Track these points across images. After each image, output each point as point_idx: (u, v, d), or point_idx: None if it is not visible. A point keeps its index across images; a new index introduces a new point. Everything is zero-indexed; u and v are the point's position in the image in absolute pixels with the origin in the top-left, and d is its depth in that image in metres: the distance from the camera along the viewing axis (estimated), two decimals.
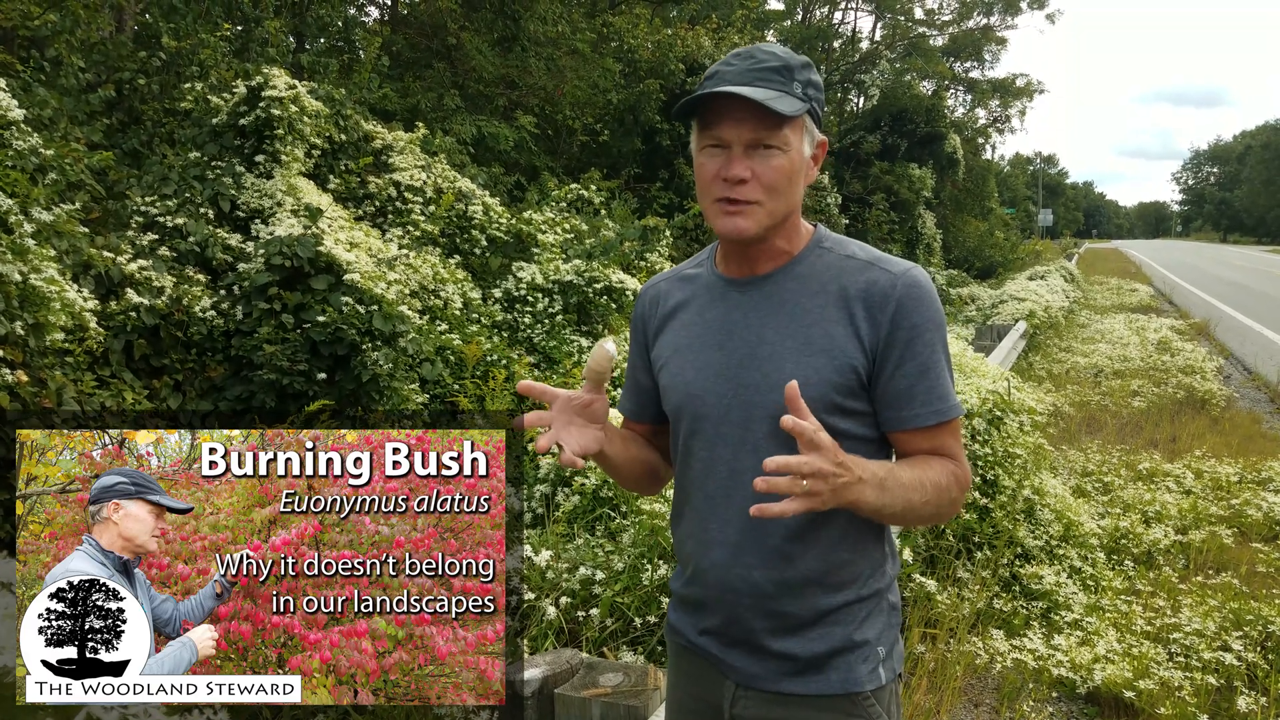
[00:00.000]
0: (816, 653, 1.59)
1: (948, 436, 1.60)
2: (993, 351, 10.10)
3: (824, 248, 1.64)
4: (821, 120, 1.62)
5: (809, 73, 1.58)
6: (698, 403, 1.63)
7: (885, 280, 1.57)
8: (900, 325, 1.55)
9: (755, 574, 1.59)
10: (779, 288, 1.62)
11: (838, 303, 1.57)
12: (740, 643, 1.63)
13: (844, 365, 1.55)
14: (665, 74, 17.00)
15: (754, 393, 1.58)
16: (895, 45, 36.30)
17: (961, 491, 1.60)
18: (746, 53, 1.57)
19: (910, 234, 26.75)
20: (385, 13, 17.38)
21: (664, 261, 11.66)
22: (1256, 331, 16.78)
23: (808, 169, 1.61)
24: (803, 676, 1.59)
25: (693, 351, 1.66)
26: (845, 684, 1.59)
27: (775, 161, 1.53)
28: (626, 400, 1.86)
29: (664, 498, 4.39)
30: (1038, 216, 66.22)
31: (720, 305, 1.66)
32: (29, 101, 6.38)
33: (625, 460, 1.73)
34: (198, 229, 6.42)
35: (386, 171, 9.23)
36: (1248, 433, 8.83)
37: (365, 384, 5.79)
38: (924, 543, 4.84)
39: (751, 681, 1.62)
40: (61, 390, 4.67)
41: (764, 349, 1.59)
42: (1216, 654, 4.15)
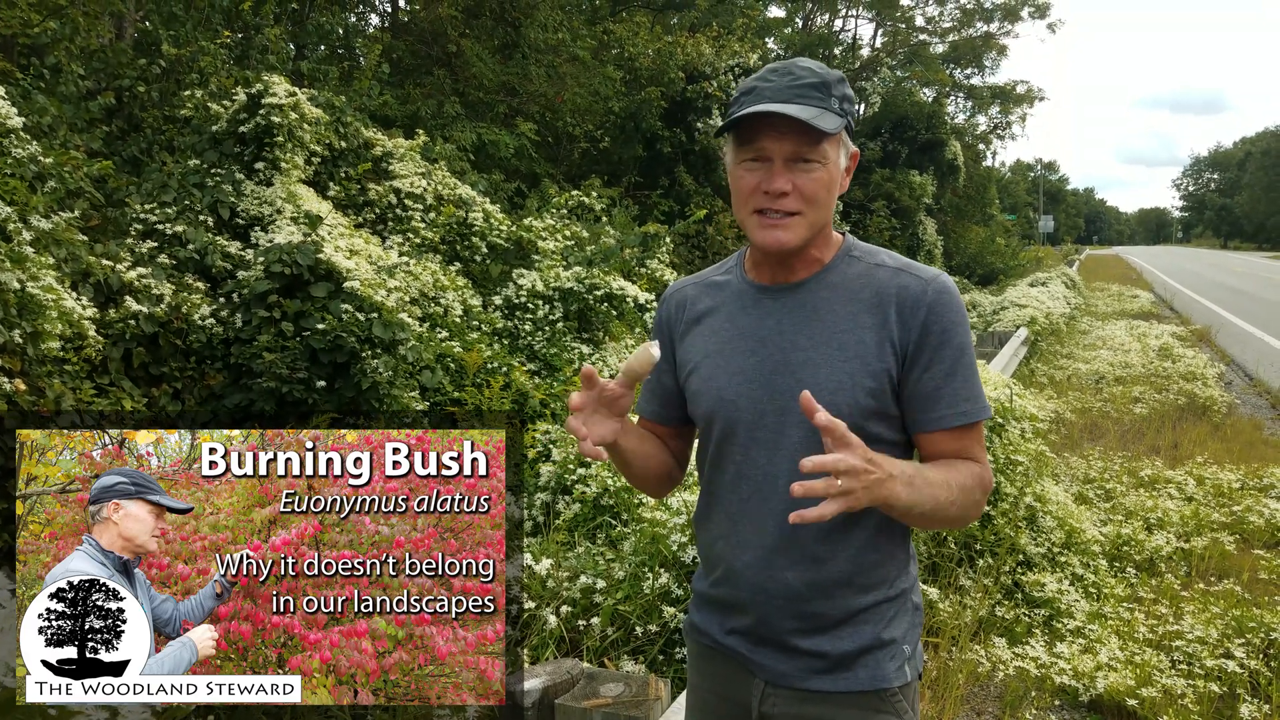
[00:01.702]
0: (846, 651, 1.62)
1: (972, 439, 1.64)
2: (994, 358, 10.10)
3: (854, 256, 1.69)
4: (854, 132, 1.66)
5: (844, 87, 1.62)
6: (731, 408, 1.66)
7: (917, 285, 1.61)
8: (931, 329, 1.59)
9: (788, 575, 1.63)
10: (812, 295, 1.66)
11: (870, 309, 1.62)
12: (770, 641, 1.67)
13: (878, 370, 1.59)
14: (666, 81, 17.03)
15: (788, 399, 1.60)
16: (896, 52, 36.35)
17: (984, 494, 1.63)
18: (784, 68, 1.61)
19: (911, 241, 26.75)
20: (386, 20, 17.43)
21: (664, 268, 11.66)
22: (1258, 338, 16.78)
23: (842, 180, 1.65)
24: (832, 674, 1.63)
25: (724, 357, 1.69)
26: (874, 681, 1.62)
27: (815, 174, 1.58)
28: (649, 402, 1.88)
29: (666, 505, 4.37)
30: (1039, 223, 66.26)
31: (753, 312, 1.70)
32: (28, 109, 6.39)
33: (639, 457, 1.76)
34: (197, 236, 6.42)
35: (386, 178, 9.23)
36: (1249, 439, 8.82)
37: (365, 391, 5.78)
38: (926, 550, 4.83)
39: (781, 679, 1.65)
40: (60, 398, 4.66)
41: (798, 355, 1.62)
42: (1219, 661, 4.13)
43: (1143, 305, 23.07)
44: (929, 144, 28.49)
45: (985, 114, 41.96)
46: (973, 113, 42.04)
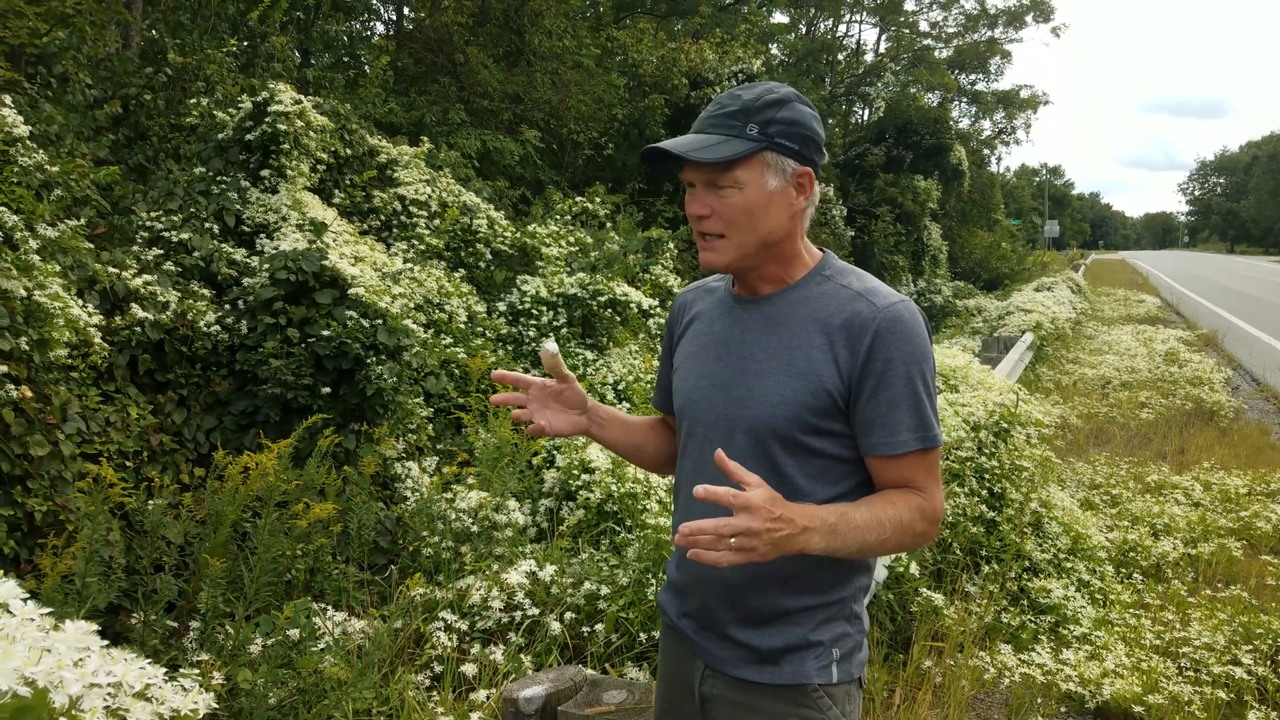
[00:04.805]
0: (773, 647, 1.71)
1: (918, 468, 1.67)
2: (999, 363, 10.07)
3: (824, 276, 1.75)
4: (801, 151, 1.68)
5: (775, 111, 1.65)
6: (694, 408, 1.80)
7: (868, 312, 1.65)
8: (875, 356, 1.63)
9: (724, 569, 1.69)
10: (775, 310, 1.74)
11: (822, 330, 1.67)
12: (711, 628, 1.78)
13: (819, 389, 1.65)
14: (670, 88, 17.04)
15: (739, 406, 1.71)
16: (900, 58, 36.34)
17: (929, 524, 1.68)
18: (721, 97, 1.70)
19: (916, 246, 26.72)
20: (391, 28, 17.46)
21: (668, 274, 11.66)
22: (1265, 342, 16.72)
23: (786, 200, 1.68)
24: (759, 665, 1.72)
25: (698, 360, 1.82)
26: (795, 676, 1.70)
27: (731, 199, 1.65)
28: (658, 396, 2.05)
29: (669, 512, 4.37)
30: (1044, 228, 66.13)
31: (726, 320, 1.81)
32: (35, 118, 6.40)
33: (630, 446, 1.97)
34: (203, 244, 6.43)
35: (391, 186, 9.23)
36: (1256, 444, 8.79)
37: (370, 398, 5.78)
38: (931, 556, 4.82)
39: (718, 665, 1.77)
40: (66, 406, 4.66)
41: (753, 365, 1.72)
42: (1226, 668, 4.11)
43: (1149, 310, 23.03)
44: (933, 149, 28.45)
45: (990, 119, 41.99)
46: (977, 118, 42.08)
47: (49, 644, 1.19)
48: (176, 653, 3.60)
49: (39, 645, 1.17)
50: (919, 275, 26.46)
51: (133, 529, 4.26)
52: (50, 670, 1.13)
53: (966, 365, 7.09)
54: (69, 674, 1.15)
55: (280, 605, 3.71)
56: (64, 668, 1.15)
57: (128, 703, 1.21)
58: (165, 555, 3.97)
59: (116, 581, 3.77)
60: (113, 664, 1.22)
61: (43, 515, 4.22)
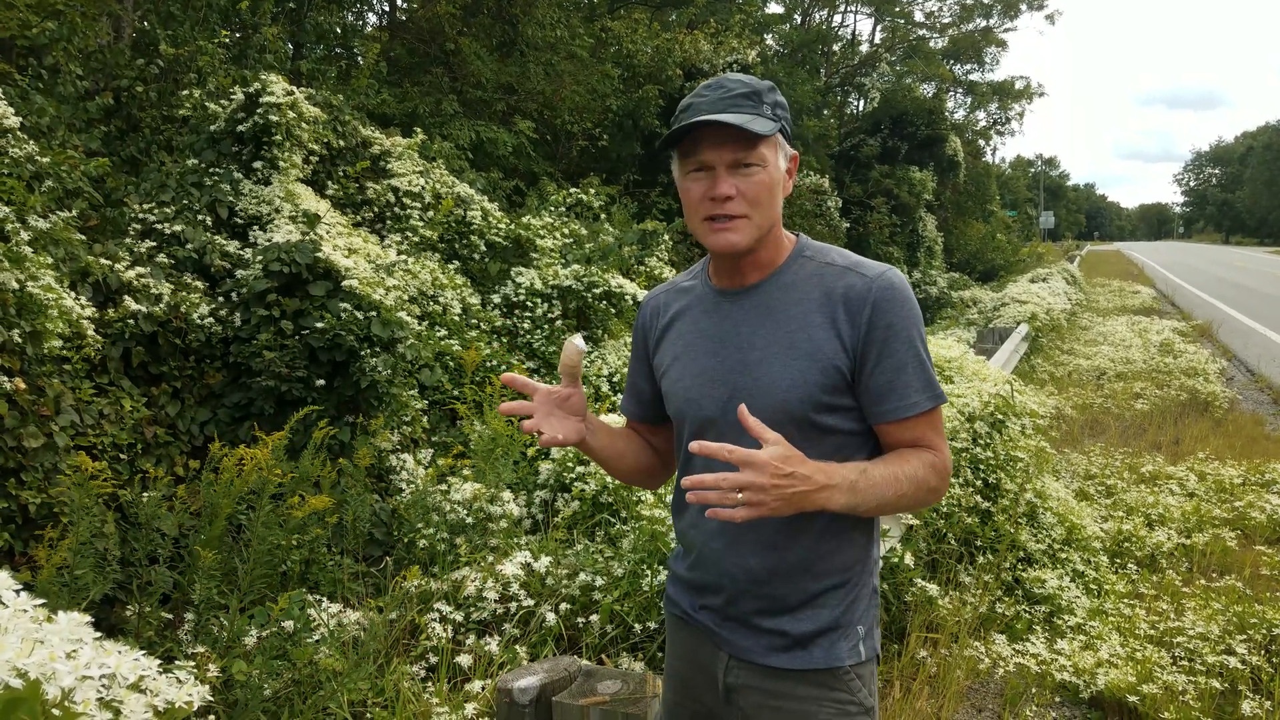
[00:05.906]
0: (805, 631, 1.74)
1: (927, 427, 1.73)
2: (994, 354, 10.09)
3: (806, 256, 1.79)
4: (791, 137, 1.77)
5: (775, 95, 1.72)
6: (696, 407, 1.79)
7: (861, 284, 1.70)
8: (877, 325, 1.68)
9: (751, 561, 1.75)
10: (766, 297, 1.76)
11: (819, 308, 1.71)
12: (735, 619, 1.79)
13: (828, 366, 1.68)
14: (664, 79, 17.00)
15: (746, 396, 1.70)
16: (895, 48, 36.33)
17: (941, 479, 1.73)
18: (716, 83, 1.71)
19: (911, 237, 26.75)
20: (384, 19, 17.39)
21: (663, 265, 11.64)
22: (1259, 333, 16.76)
23: (784, 183, 1.76)
24: (790, 652, 1.74)
25: (690, 359, 1.82)
26: (828, 659, 1.73)
27: (757, 177, 1.68)
28: (628, 403, 2.05)
29: (664, 503, 4.37)
30: (1039, 219, 66.17)
31: (714, 315, 1.82)
32: (26, 109, 6.37)
33: (613, 454, 1.94)
34: (195, 236, 6.40)
35: (385, 177, 9.20)
36: (1251, 435, 8.81)
37: (364, 390, 5.77)
38: (926, 547, 4.82)
39: (744, 654, 1.78)
40: (59, 398, 4.65)
41: (754, 355, 1.74)
42: (1220, 658, 4.12)
43: (1144, 301, 23.06)
44: (929, 140, 28.46)
45: (985, 109, 41.98)
46: (972, 108, 42.06)
47: (42, 636, 1.18)
48: (171, 645, 3.60)
49: (32, 637, 1.16)
50: (914, 266, 26.49)
51: (127, 521, 4.24)
52: (43, 662, 1.13)
53: (962, 356, 7.09)
54: (62, 666, 1.14)
55: (275, 597, 3.70)
56: (57, 659, 1.15)
57: (121, 694, 1.20)
58: (160, 547, 3.96)
59: (111, 574, 3.76)
60: (106, 656, 1.21)
61: (37, 507, 4.21)
